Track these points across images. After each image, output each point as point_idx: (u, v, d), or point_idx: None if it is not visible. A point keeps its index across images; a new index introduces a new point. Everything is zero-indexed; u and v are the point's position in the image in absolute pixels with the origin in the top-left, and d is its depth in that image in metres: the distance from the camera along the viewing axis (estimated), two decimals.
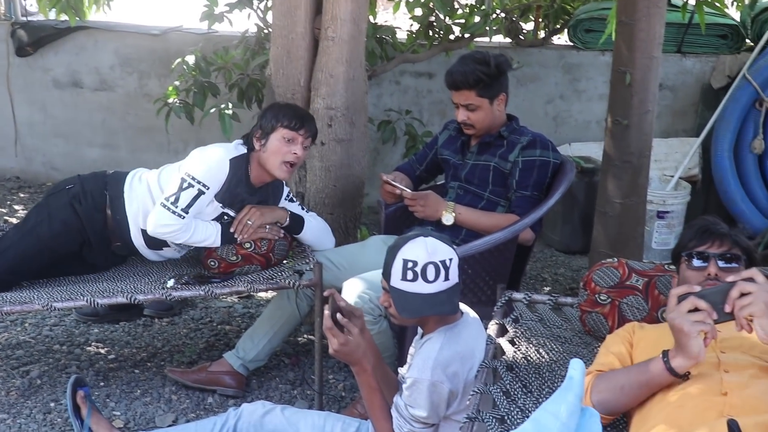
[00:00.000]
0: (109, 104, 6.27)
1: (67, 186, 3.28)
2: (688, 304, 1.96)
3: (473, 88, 3.26)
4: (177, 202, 3.07)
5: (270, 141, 3.15)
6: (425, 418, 2.36)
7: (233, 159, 3.15)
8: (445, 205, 3.30)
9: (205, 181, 3.09)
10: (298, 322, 3.48)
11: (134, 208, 3.22)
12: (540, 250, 5.27)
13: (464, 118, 3.34)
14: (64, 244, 3.22)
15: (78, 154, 6.34)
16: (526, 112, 5.74)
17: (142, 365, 3.61)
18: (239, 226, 3.23)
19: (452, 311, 2.39)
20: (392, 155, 5.89)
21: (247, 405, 2.89)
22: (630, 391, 2.07)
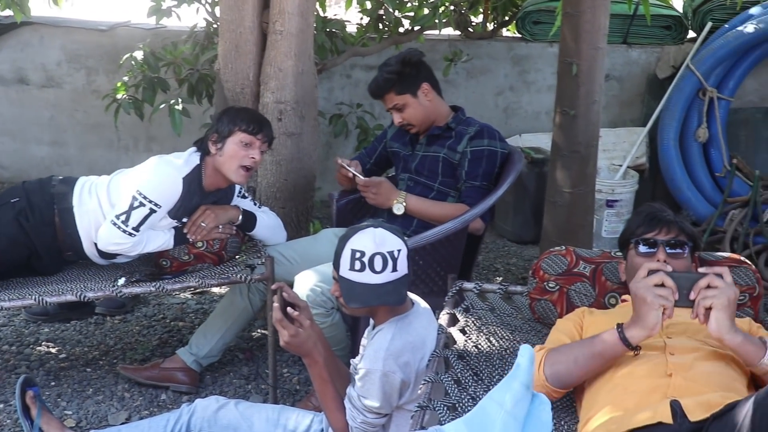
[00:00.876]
0: (57, 101, 6.18)
1: (12, 200, 3.16)
2: (656, 278, 2.02)
3: (390, 90, 3.36)
4: (128, 221, 3.04)
5: (227, 145, 3.13)
6: (378, 408, 2.38)
7: (186, 177, 3.12)
8: (397, 194, 3.33)
9: (157, 200, 3.05)
10: (252, 317, 3.48)
11: (85, 223, 3.15)
12: (492, 241, 5.32)
13: (400, 120, 3.41)
14: (10, 259, 3.14)
15: (25, 152, 6.24)
16: (476, 104, 5.79)
17: (94, 364, 3.58)
18: (192, 227, 3.21)
19: (399, 302, 2.41)
20: (344, 149, 5.90)
21: (200, 400, 2.89)
22: (583, 362, 2.11)
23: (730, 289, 1.97)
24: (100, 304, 4.05)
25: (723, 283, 1.97)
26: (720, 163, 5.28)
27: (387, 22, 5.12)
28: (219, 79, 3.77)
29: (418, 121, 3.39)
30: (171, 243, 3.19)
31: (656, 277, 2.03)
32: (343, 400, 2.48)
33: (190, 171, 3.14)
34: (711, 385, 1.94)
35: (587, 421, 2.01)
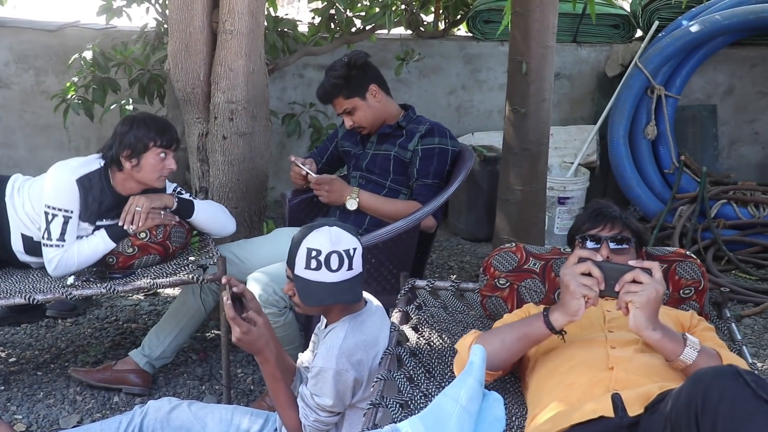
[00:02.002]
0: (5, 102, 6.08)
1: None
2: (583, 266, 2.06)
3: (338, 95, 3.38)
4: (50, 236, 3.08)
5: (144, 160, 3.13)
6: (331, 406, 2.39)
7: (81, 178, 3.12)
8: (350, 190, 3.34)
9: (64, 206, 3.09)
10: (205, 318, 3.46)
11: (14, 217, 3.20)
12: (446, 239, 5.36)
13: (351, 124, 3.44)
14: None
15: None
16: (428, 102, 5.82)
17: (45, 367, 3.54)
18: (128, 216, 3.19)
19: (355, 300, 2.43)
20: (297, 148, 5.89)
21: (153, 402, 2.87)
22: (509, 344, 2.16)
23: (653, 286, 1.99)
24: (51, 306, 4.00)
25: (648, 279, 2.00)
26: (668, 159, 5.37)
27: (338, 21, 5.12)
28: (169, 79, 3.74)
29: (369, 123, 3.41)
30: (109, 241, 3.17)
31: (583, 265, 2.07)
32: (296, 399, 2.49)
33: (87, 173, 3.15)
34: (651, 376, 1.99)
35: (534, 417, 2.05)
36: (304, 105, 5.56)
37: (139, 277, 3.15)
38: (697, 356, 1.99)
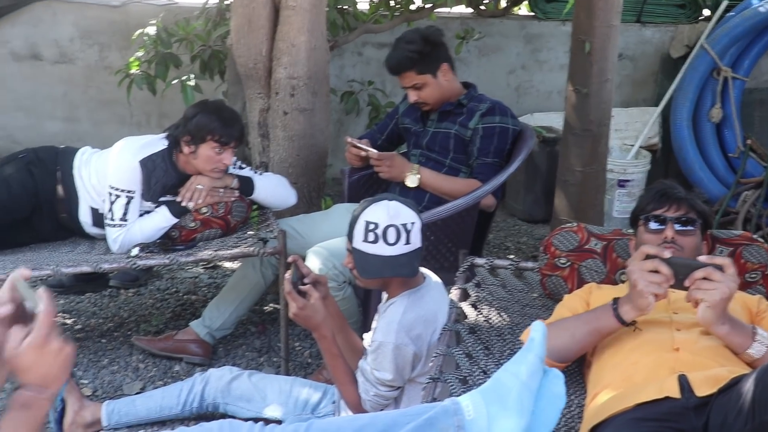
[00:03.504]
0: (70, 77, 6.20)
1: (20, 155, 3.36)
2: (651, 264, 2.02)
3: (411, 68, 3.34)
4: (114, 216, 3.17)
5: (200, 150, 3.20)
6: (390, 380, 2.41)
7: (144, 160, 3.19)
8: (410, 167, 3.34)
9: (127, 187, 3.17)
10: (264, 291, 3.51)
11: (81, 188, 3.29)
12: (503, 219, 5.33)
13: (416, 99, 3.41)
14: (20, 207, 3.25)
15: (39, 128, 6.27)
16: (487, 82, 5.77)
17: (108, 335, 3.62)
18: (187, 193, 3.25)
19: (411, 274, 2.44)
20: (355, 126, 5.90)
21: (214, 370, 2.93)
22: (581, 338, 2.13)
23: (726, 284, 1.95)
24: (115, 277, 4.09)
25: (721, 277, 1.96)
26: (733, 143, 5.26)
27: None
28: (231, 54, 3.77)
29: (434, 100, 3.40)
30: (171, 217, 3.24)
31: (651, 263, 2.02)
32: (355, 374, 2.51)
33: (151, 154, 3.22)
34: (717, 359, 1.96)
35: (595, 396, 2.04)
36: (363, 83, 5.57)
37: (201, 250, 3.21)
38: (766, 351, 1.97)
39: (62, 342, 1.46)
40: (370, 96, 5.45)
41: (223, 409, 2.85)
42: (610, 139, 4.11)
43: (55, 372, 1.46)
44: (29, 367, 1.44)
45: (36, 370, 1.44)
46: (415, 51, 3.31)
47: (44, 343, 1.43)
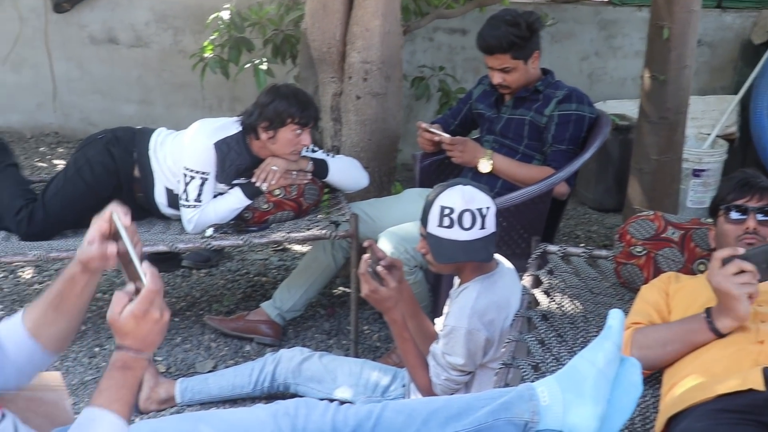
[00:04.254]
0: (145, 60, 6.31)
1: (99, 136, 3.45)
2: (733, 267, 1.97)
3: (507, 51, 3.27)
4: (188, 197, 3.23)
5: (279, 134, 3.22)
6: (462, 365, 2.40)
7: (218, 142, 3.23)
8: (483, 152, 3.32)
9: (201, 168, 3.22)
10: (334, 274, 3.53)
11: (157, 169, 3.35)
12: (573, 208, 5.26)
13: (500, 81, 3.35)
14: (103, 187, 3.34)
15: (114, 110, 6.40)
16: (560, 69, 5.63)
17: (181, 314, 3.69)
18: (262, 174, 3.28)
19: (487, 259, 2.43)
20: (425, 112, 5.88)
21: (285, 351, 2.97)
22: (672, 349, 2.08)
23: None
24: (187, 257, 4.16)
25: None
26: None
27: None
28: (305, 38, 3.79)
29: (517, 86, 3.35)
30: (244, 199, 3.28)
31: (733, 266, 1.97)
32: (426, 358, 2.51)
33: (225, 137, 3.25)
34: None
35: (672, 386, 2.00)
36: (434, 68, 5.54)
37: (274, 231, 3.24)
38: None
39: (161, 312, 1.55)
40: (440, 82, 5.43)
41: (294, 390, 2.89)
42: (686, 128, 4.03)
43: (152, 338, 1.56)
44: (128, 333, 1.53)
45: (134, 335, 1.54)
46: (517, 35, 3.23)
47: (144, 314, 1.52)
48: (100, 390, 1.53)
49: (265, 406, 1.94)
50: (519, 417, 1.83)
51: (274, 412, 1.89)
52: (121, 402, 1.53)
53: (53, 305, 1.70)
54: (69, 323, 1.74)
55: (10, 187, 3.39)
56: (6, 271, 4.05)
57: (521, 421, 1.83)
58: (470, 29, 5.75)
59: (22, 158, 5.80)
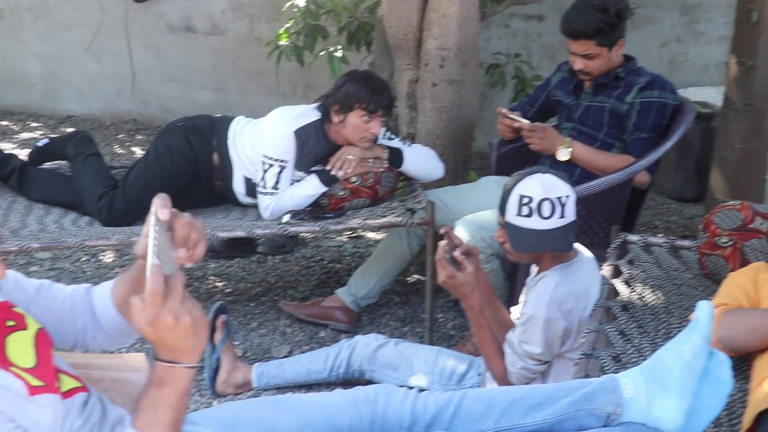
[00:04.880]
0: (220, 48, 6.38)
1: (179, 124, 3.51)
2: None
3: (593, 38, 3.20)
4: (266, 185, 3.27)
5: (349, 118, 3.23)
6: (539, 354, 2.38)
7: (298, 130, 3.25)
8: (562, 140, 3.27)
9: (280, 156, 3.25)
10: (409, 262, 3.53)
11: (236, 158, 3.40)
12: (651, 198, 5.15)
13: (581, 67, 3.28)
14: (181, 175, 3.41)
15: (191, 98, 6.49)
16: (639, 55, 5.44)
17: (257, 299, 3.73)
18: (337, 162, 3.28)
19: (567, 248, 2.40)
20: (500, 100, 5.81)
21: (360, 337, 2.97)
22: (761, 334, 2.02)
23: None
24: (262, 243, 4.20)
25: None
26: None
27: None
28: (381, 25, 3.78)
29: (598, 73, 3.28)
30: (320, 186, 3.29)
31: None
32: (502, 346, 2.49)
33: (305, 124, 3.27)
34: None
35: (763, 380, 1.94)
36: (509, 56, 5.48)
37: (350, 218, 3.25)
38: None
39: (175, 317, 1.39)
40: (516, 69, 5.35)
41: (369, 376, 2.89)
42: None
43: (182, 345, 1.43)
44: (154, 341, 1.43)
45: (161, 342, 1.43)
46: (604, 22, 3.16)
47: (155, 321, 1.39)
48: (139, 410, 1.46)
49: (344, 391, 1.94)
50: (601, 408, 1.79)
51: (353, 397, 1.89)
52: (160, 424, 1.44)
53: (133, 288, 1.71)
54: None
55: (92, 176, 3.47)
56: (89, 255, 4.15)
57: (603, 413, 1.80)
58: (547, 15, 5.67)
59: (102, 145, 5.94)
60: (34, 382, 1.47)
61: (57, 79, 6.74)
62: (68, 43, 6.56)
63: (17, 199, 3.52)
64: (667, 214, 4.93)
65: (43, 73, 6.75)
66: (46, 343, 1.59)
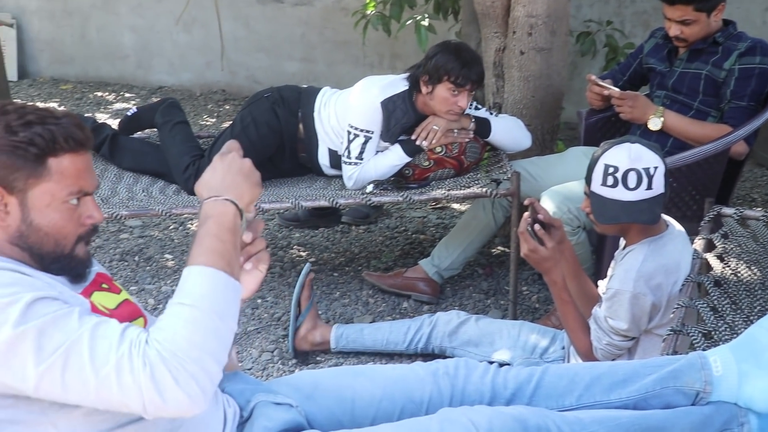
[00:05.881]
0: (308, 18, 6.40)
1: (265, 94, 3.51)
2: None
3: (690, 2, 3.07)
4: (350, 154, 3.26)
5: (437, 90, 3.18)
6: (625, 330, 2.31)
7: (385, 101, 3.22)
8: (654, 109, 3.16)
9: (366, 127, 3.23)
10: (493, 233, 3.49)
11: (321, 130, 3.39)
12: (749, 170, 4.96)
13: (677, 33, 3.15)
14: (267, 146, 3.42)
15: (278, 68, 6.54)
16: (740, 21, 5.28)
17: (340, 269, 3.74)
18: (423, 133, 3.25)
19: (652, 221, 2.32)
20: (590, 69, 5.64)
21: (442, 314, 2.95)
22: None
23: None
24: (346, 213, 4.21)
25: None
26: None
27: None
28: None
29: (694, 39, 3.14)
30: (404, 156, 3.27)
31: None
32: (587, 321, 2.43)
33: (392, 95, 3.24)
34: None
35: None
36: (600, 23, 5.33)
37: (434, 189, 3.22)
38: None
39: (239, 156, 1.62)
40: (607, 37, 5.22)
41: (450, 353, 2.86)
42: None
43: (231, 177, 1.58)
44: (208, 180, 1.58)
45: (212, 179, 1.57)
46: None
47: (221, 157, 1.61)
48: (190, 251, 1.50)
49: (424, 364, 1.93)
50: (689, 386, 1.74)
51: (434, 371, 1.88)
52: (206, 253, 1.46)
53: None
54: None
55: (179, 145, 3.51)
56: (176, 222, 4.23)
57: (692, 391, 1.74)
58: None
59: (192, 115, 6.05)
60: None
61: (149, 50, 6.89)
62: (160, 15, 6.69)
63: (108, 168, 3.60)
64: (766, 186, 4.75)
65: (136, 44, 6.90)
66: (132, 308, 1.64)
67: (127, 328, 1.38)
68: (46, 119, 1.48)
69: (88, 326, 1.35)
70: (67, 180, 1.49)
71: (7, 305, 1.34)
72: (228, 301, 1.44)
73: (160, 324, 1.38)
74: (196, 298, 1.40)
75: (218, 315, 1.40)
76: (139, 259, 3.84)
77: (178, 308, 1.39)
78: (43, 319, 1.34)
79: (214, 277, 1.43)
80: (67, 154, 1.49)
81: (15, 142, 1.45)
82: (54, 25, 7.01)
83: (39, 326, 1.33)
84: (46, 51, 7.13)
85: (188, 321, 1.37)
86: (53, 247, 1.51)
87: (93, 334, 1.34)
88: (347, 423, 1.78)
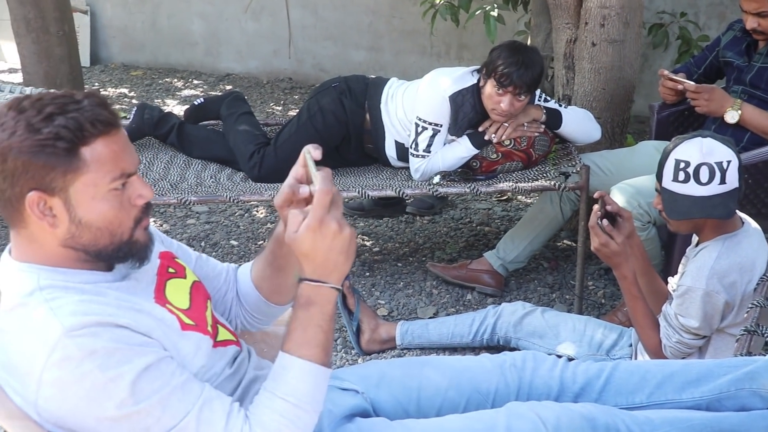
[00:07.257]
0: (376, 7, 6.39)
1: (333, 84, 3.50)
2: None
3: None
4: (418, 147, 3.24)
5: (486, 85, 3.15)
6: (696, 328, 2.27)
7: (453, 95, 3.18)
8: (732, 102, 3.08)
9: (434, 120, 3.21)
10: (560, 227, 3.44)
11: (388, 122, 3.38)
12: None
13: (754, 26, 3.07)
14: (333, 136, 3.41)
15: (345, 57, 6.55)
16: None
17: (404, 259, 3.74)
18: (492, 127, 3.22)
19: (726, 216, 2.27)
20: (661, 61, 5.56)
21: (507, 305, 2.94)
22: None
23: None
24: (411, 204, 4.20)
25: None
26: None
27: None
28: None
29: None
30: (472, 148, 3.24)
31: None
32: (657, 318, 2.39)
33: (461, 89, 3.20)
34: None
35: None
36: (674, 14, 5.22)
37: (501, 181, 3.20)
38: None
39: (338, 224, 1.37)
40: (681, 29, 5.09)
41: (515, 344, 2.85)
42: None
43: (333, 259, 1.39)
44: (307, 253, 1.39)
45: (313, 256, 1.39)
46: None
47: (320, 225, 1.36)
48: (289, 332, 1.45)
49: (491, 356, 1.92)
50: (766, 389, 1.69)
51: (501, 363, 1.87)
52: (310, 345, 1.43)
53: (268, 261, 1.72)
54: (285, 278, 1.71)
55: (243, 134, 3.54)
56: (243, 210, 4.28)
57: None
58: None
59: (258, 103, 6.10)
60: (187, 320, 1.53)
61: (217, 38, 6.96)
62: (229, 3, 6.75)
63: (177, 155, 3.65)
64: None
65: (205, 32, 6.98)
66: (201, 293, 1.65)
67: (230, 419, 1.40)
68: (66, 107, 1.36)
69: (194, 411, 1.38)
70: (106, 166, 1.38)
71: (112, 380, 1.34)
72: (324, 393, 1.48)
73: (263, 418, 1.42)
74: (300, 397, 1.43)
75: (316, 411, 1.45)
76: (206, 245, 3.90)
77: (282, 405, 1.42)
78: (149, 401, 1.35)
79: (318, 374, 1.45)
80: (99, 138, 1.37)
81: (41, 141, 1.33)
82: (126, 12, 7.13)
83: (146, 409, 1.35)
84: (117, 38, 7.26)
85: (292, 422, 1.42)
86: (109, 240, 1.43)
87: (198, 418, 1.38)
88: (413, 412, 1.79)
